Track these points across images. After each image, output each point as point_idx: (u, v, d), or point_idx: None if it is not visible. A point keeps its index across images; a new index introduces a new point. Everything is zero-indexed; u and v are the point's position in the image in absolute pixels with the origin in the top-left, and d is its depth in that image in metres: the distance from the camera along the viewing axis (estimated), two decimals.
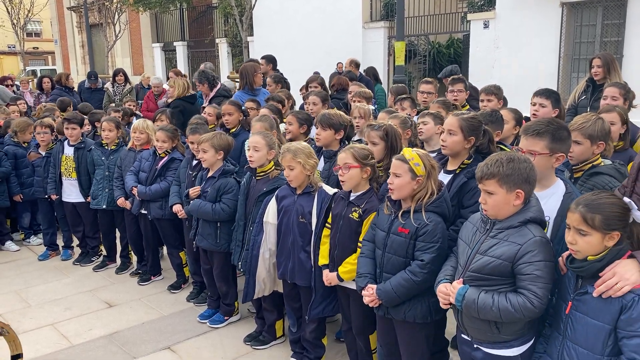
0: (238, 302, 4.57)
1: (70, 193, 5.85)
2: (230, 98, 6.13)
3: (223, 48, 19.61)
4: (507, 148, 3.63)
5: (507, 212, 2.46)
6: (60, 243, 6.32)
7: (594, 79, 5.29)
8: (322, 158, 4.13)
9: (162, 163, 5.02)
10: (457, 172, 3.21)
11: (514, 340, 2.49)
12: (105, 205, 5.51)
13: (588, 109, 4.96)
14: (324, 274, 3.43)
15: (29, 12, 27.03)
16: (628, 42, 10.10)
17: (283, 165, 3.56)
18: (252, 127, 4.53)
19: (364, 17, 14.67)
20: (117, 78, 10.37)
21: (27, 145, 6.38)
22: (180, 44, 21.84)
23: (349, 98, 6.30)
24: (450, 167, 3.27)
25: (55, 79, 10.20)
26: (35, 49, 39.60)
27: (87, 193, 5.74)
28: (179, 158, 5.03)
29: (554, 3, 10.87)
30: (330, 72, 10.05)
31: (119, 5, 21.33)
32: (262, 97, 6.32)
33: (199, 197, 4.37)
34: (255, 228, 3.82)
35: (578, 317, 2.26)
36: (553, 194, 2.69)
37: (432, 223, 2.86)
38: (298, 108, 6.58)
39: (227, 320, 4.54)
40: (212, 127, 5.47)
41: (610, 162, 3.10)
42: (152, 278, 5.47)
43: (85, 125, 6.26)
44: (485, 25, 12.22)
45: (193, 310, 4.80)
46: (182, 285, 5.27)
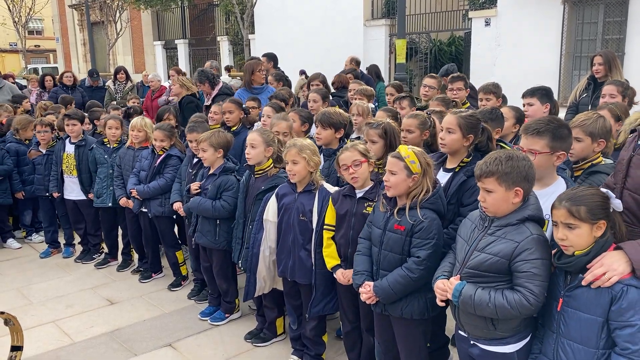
0: (239, 299, 4.58)
1: (72, 190, 5.86)
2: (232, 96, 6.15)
3: (224, 46, 19.63)
4: (507, 146, 3.63)
5: (506, 209, 2.47)
6: (62, 241, 6.34)
7: (595, 77, 5.29)
8: (321, 156, 4.13)
9: (159, 160, 5.04)
10: (456, 170, 3.21)
11: (510, 337, 2.50)
12: (111, 203, 5.52)
13: (589, 107, 4.96)
14: (340, 274, 3.36)
15: (31, 10, 27.06)
16: (630, 39, 10.09)
17: (287, 160, 3.56)
18: (274, 125, 4.47)
19: (365, 15, 14.66)
20: (118, 76, 10.39)
21: (28, 143, 6.39)
22: (182, 42, 21.84)
23: (349, 96, 6.31)
24: (450, 165, 3.28)
25: (58, 78, 10.22)
26: (37, 47, 39.59)
27: (87, 190, 5.75)
28: (176, 154, 5.05)
29: (556, 1, 10.86)
30: (332, 70, 10.02)
31: (121, 3, 21.33)
32: (266, 94, 6.32)
33: (199, 193, 4.39)
34: (255, 226, 3.83)
35: (570, 312, 2.29)
36: (554, 193, 2.69)
37: (427, 220, 2.86)
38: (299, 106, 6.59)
39: (228, 318, 4.55)
40: (217, 126, 5.48)
41: (611, 161, 3.11)
42: (152, 275, 5.48)
43: (86, 124, 6.26)
44: (487, 23, 12.21)
45: (194, 308, 4.82)
46: (182, 283, 5.29)
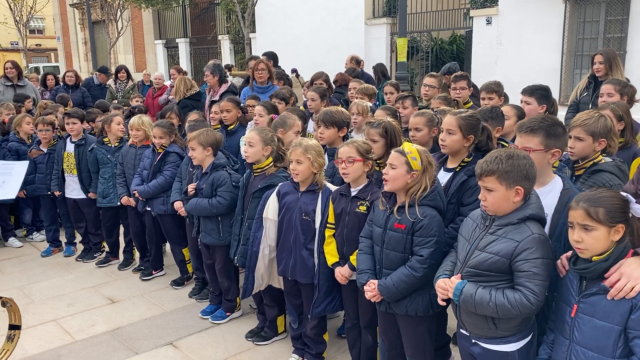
0: (240, 298, 4.58)
1: (73, 189, 5.87)
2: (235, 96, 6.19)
3: (225, 45, 19.62)
4: (508, 144, 3.63)
5: (506, 208, 2.46)
6: (63, 239, 6.35)
7: (596, 76, 5.28)
8: (325, 156, 4.13)
9: (159, 158, 5.05)
10: (457, 170, 3.21)
11: (511, 336, 2.50)
12: (119, 203, 5.50)
13: (590, 106, 4.95)
14: (337, 272, 3.40)
15: (32, 9, 27.04)
16: (631, 38, 10.07)
17: (291, 159, 3.57)
18: (293, 125, 4.47)
19: (367, 13, 14.65)
20: (119, 75, 10.39)
21: (30, 143, 6.39)
22: (183, 41, 21.83)
23: (349, 95, 6.31)
24: (450, 165, 3.29)
25: (61, 78, 10.25)
26: (38, 46, 39.59)
27: (88, 190, 5.76)
28: (175, 151, 5.06)
29: None
30: (333, 68, 10.02)
31: (122, 2, 21.33)
32: (272, 93, 6.33)
33: (195, 194, 4.41)
34: (255, 224, 3.83)
35: (585, 319, 2.23)
36: (550, 191, 2.70)
37: (427, 217, 2.87)
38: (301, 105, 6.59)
39: (229, 316, 4.56)
40: (219, 126, 5.49)
41: (611, 159, 3.11)
42: (153, 273, 5.48)
43: (86, 123, 6.26)
44: (488, 22, 12.20)
45: (195, 307, 4.82)
46: (185, 282, 5.29)
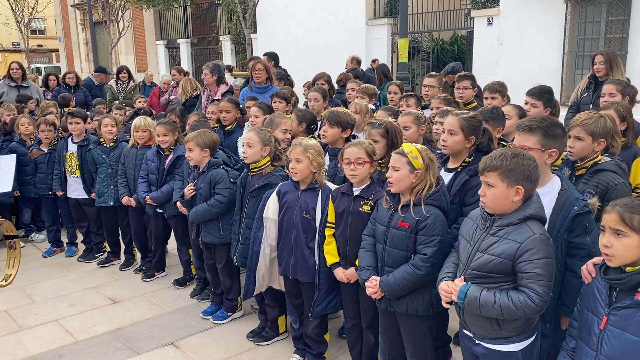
0: (241, 298, 4.59)
1: (75, 189, 5.87)
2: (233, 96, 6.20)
3: (226, 45, 19.62)
4: (507, 144, 3.63)
5: (505, 207, 2.46)
6: (65, 240, 6.36)
7: (597, 76, 5.28)
8: (327, 155, 4.14)
9: (168, 162, 5.03)
10: (458, 170, 3.22)
11: (515, 336, 2.50)
12: (113, 202, 5.53)
13: (590, 106, 4.95)
14: (338, 272, 3.41)
15: (33, 9, 27.07)
16: (632, 38, 10.07)
17: (291, 157, 3.57)
18: (280, 123, 4.49)
19: (368, 14, 14.65)
20: (120, 75, 10.40)
21: (32, 144, 6.39)
22: (184, 42, 21.85)
23: (347, 95, 6.32)
24: (451, 165, 3.30)
25: (61, 78, 10.27)
26: (40, 47, 39.67)
27: (90, 190, 5.76)
28: (184, 154, 5.03)
29: None
30: (334, 69, 10.02)
31: (123, 3, 21.35)
32: (269, 94, 6.34)
33: (194, 197, 4.44)
34: (255, 224, 3.83)
35: (616, 333, 2.12)
36: (549, 192, 2.70)
37: (431, 216, 2.88)
38: (302, 105, 6.60)
39: (230, 317, 4.56)
40: (217, 125, 5.50)
41: (610, 158, 3.12)
42: (155, 274, 5.50)
43: (88, 123, 6.26)
44: (489, 22, 12.20)
45: (196, 307, 4.83)
46: (187, 283, 5.30)
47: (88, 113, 6.44)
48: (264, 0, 15.65)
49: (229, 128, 5.38)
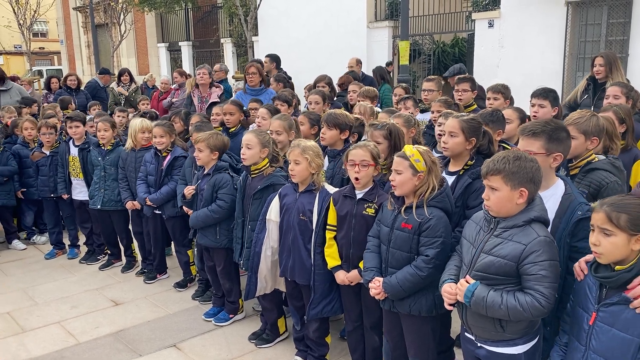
0: (243, 300, 4.59)
1: (80, 191, 5.88)
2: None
3: (228, 48, 19.63)
4: (510, 147, 3.64)
5: (509, 210, 2.46)
6: (67, 242, 6.37)
7: (595, 78, 5.26)
8: (326, 157, 4.15)
9: (166, 163, 5.04)
10: (460, 173, 3.23)
11: (519, 339, 2.50)
12: (100, 206, 5.50)
13: (592, 109, 4.95)
14: (339, 275, 3.40)
15: (35, 12, 27.13)
16: (633, 40, 10.06)
17: (290, 159, 3.58)
18: (271, 124, 4.54)
19: (369, 16, 14.65)
20: (122, 78, 10.41)
21: (35, 146, 6.40)
22: (186, 44, 21.85)
23: (349, 98, 6.34)
24: (453, 168, 3.30)
25: (62, 81, 10.28)
26: (42, 49, 39.74)
27: None
28: (182, 155, 5.07)
29: (559, 2, 10.84)
30: (335, 71, 10.03)
31: (125, 6, 21.40)
32: (266, 96, 6.37)
33: (195, 195, 4.43)
34: (258, 226, 3.84)
35: (604, 329, 2.18)
36: (552, 195, 2.70)
37: (434, 218, 2.88)
38: (303, 107, 6.62)
39: (232, 319, 4.57)
40: (219, 127, 5.51)
41: (604, 157, 3.12)
42: (157, 276, 5.50)
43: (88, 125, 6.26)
44: (490, 25, 12.19)
45: (198, 309, 4.84)
46: (188, 284, 5.31)
47: (89, 115, 6.46)
48: (266, 3, 15.67)
49: (233, 130, 5.40)
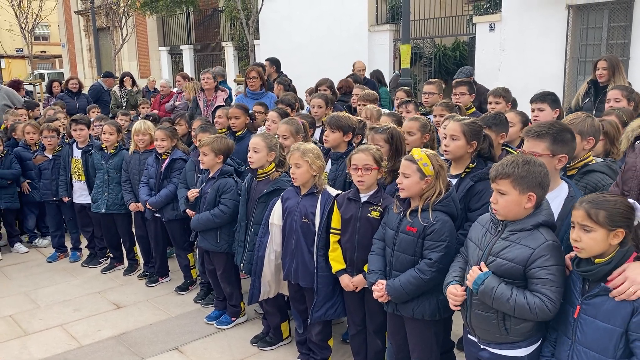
0: (244, 303, 4.59)
1: (81, 195, 5.90)
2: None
3: (229, 51, 19.66)
4: (513, 150, 3.64)
5: (516, 213, 2.47)
6: (69, 245, 6.37)
7: (597, 81, 5.26)
8: (329, 160, 4.15)
9: (164, 165, 5.06)
10: (462, 176, 3.24)
11: (522, 341, 2.50)
12: (104, 210, 5.52)
13: (594, 112, 4.95)
14: (344, 279, 3.40)
15: (37, 16, 27.20)
16: (634, 44, 10.07)
17: (290, 163, 3.58)
18: (278, 128, 4.52)
19: (370, 20, 14.68)
20: (124, 81, 10.43)
21: (36, 149, 6.42)
22: (187, 48, 21.90)
23: (352, 101, 6.35)
24: (454, 171, 3.31)
25: (64, 85, 10.29)
26: (43, 53, 39.81)
27: None
28: (180, 157, 5.07)
29: (560, 5, 10.86)
30: (337, 75, 10.03)
31: (126, 9, 21.45)
32: (266, 100, 6.38)
33: (199, 198, 4.43)
34: (261, 230, 3.84)
35: (588, 320, 2.26)
36: (556, 197, 2.71)
37: (439, 222, 2.88)
38: (305, 111, 6.62)
39: (234, 322, 4.57)
40: (223, 130, 5.52)
41: (602, 159, 3.13)
42: (159, 279, 5.51)
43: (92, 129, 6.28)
44: (491, 28, 12.21)
45: (200, 312, 4.84)
46: (189, 287, 5.31)
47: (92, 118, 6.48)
48: (267, 7, 15.70)
49: (240, 134, 5.39)
